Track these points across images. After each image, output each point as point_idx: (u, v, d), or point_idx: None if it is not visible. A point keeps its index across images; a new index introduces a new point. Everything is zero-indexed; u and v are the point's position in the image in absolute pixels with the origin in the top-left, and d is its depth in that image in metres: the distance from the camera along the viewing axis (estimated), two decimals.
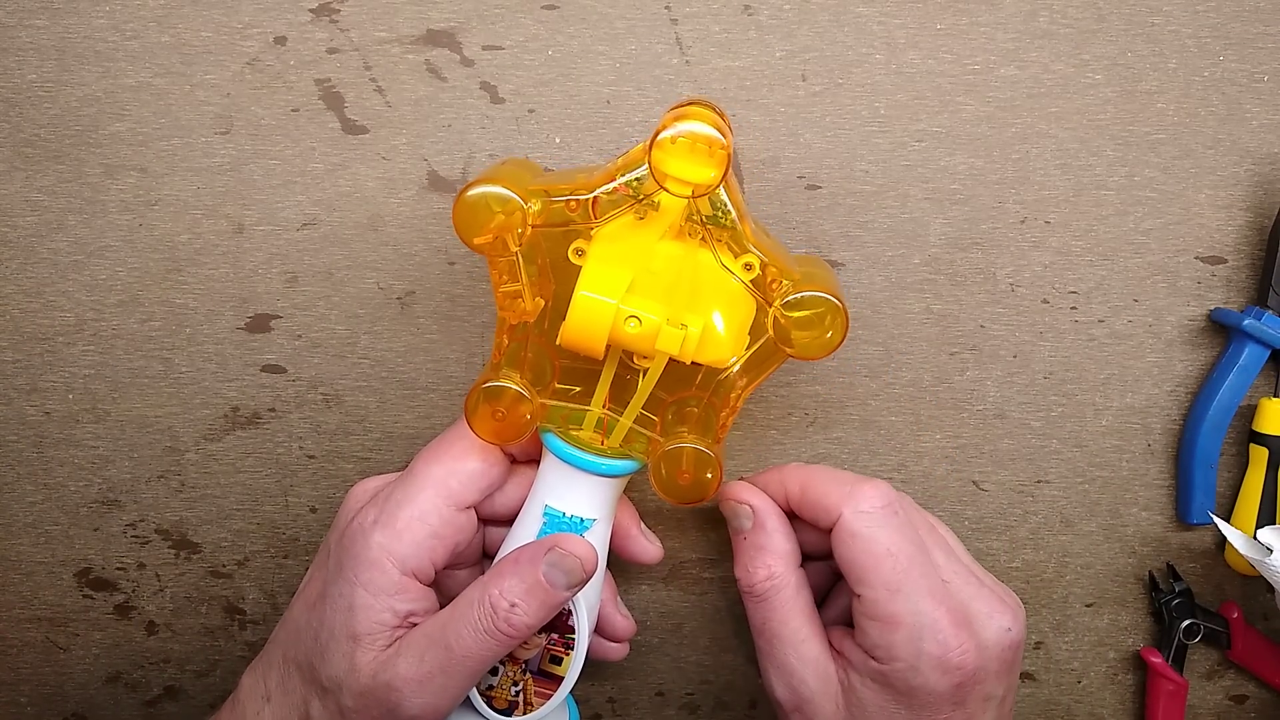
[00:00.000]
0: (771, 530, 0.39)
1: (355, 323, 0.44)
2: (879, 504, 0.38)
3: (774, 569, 0.39)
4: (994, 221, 0.44)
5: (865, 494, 0.38)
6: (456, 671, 0.35)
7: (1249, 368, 0.44)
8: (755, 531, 0.39)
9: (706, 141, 0.33)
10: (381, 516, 0.37)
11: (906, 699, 0.36)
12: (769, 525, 0.40)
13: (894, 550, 0.37)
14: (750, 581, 0.39)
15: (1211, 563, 0.47)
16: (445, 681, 0.35)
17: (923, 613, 0.36)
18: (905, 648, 0.36)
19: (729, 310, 0.36)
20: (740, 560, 0.40)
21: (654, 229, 0.35)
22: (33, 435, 0.45)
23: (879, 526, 0.37)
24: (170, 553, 0.46)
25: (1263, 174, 0.44)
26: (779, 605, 0.38)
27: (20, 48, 0.42)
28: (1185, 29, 0.44)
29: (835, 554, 0.38)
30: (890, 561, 0.37)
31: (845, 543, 0.37)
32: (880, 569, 0.37)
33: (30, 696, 0.47)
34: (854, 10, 0.43)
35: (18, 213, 0.44)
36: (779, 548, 0.39)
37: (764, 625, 0.39)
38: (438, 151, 0.43)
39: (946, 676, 0.36)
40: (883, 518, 0.37)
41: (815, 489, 0.39)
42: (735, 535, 0.40)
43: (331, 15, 0.43)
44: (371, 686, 0.35)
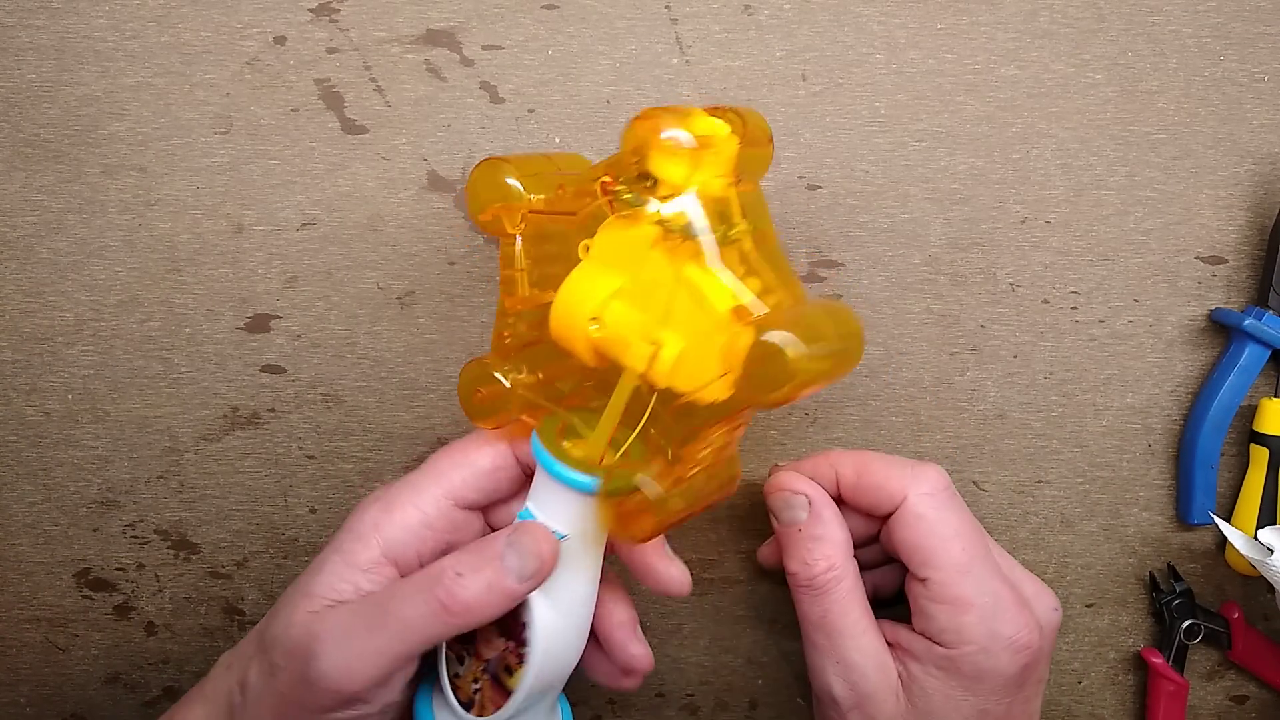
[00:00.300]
0: (828, 520, 0.38)
1: (355, 323, 0.44)
2: (941, 485, 0.37)
3: (834, 559, 0.37)
4: (994, 221, 0.44)
5: (928, 476, 0.37)
6: (384, 634, 0.33)
7: (1249, 368, 0.44)
8: (812, 522, 0.38)
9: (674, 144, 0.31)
10: (384, 495, 0.36)
11: (974, 684, 0.36)
12: (825, 515, 0.38)
13: (961, 531, 0.37)
14: (810, 574, 0.37)
15: (1212, 563, 0.47)
16: (370, 642, 0.33)
17: (993, 594, 0.36)
18: (977, 629, 0.36)
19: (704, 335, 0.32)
20: (795, 553, 0.38)
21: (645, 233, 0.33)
22: (32, 435, 0.45)
23: (945, 508, 0.37)
24: (169, 553, 0.46)
25: (1263, 174, 0.44)
26: (840, 597, 0.37)
27: (20, 47, 0.42)
28: (1186, 29, 0.44)
29: (895, 538, 0.38)
30: (959, 543, 0.36)
31: (911, 525, 0.37)
32: (949, 551, 0.36)
33: (29, 697, 0.47)
34: (854, 10, 0.43)
35: (17, 213, 0.43)
36: (837, 537, 0.38)
37: (823, 619, 0.37)
38: (437, 151, 0.43)
39: (1017, 658, 0.36)
40: (946, 499, 0.37)
41: (873, 474, 0.38)
42: (787, 528, 0.39)
43: (331, 15, 0.43)
44: (299, 638, 0.33)
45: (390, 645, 0.33)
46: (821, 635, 0.38)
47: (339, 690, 0.32)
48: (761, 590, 0.46)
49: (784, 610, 0.47)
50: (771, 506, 0.40)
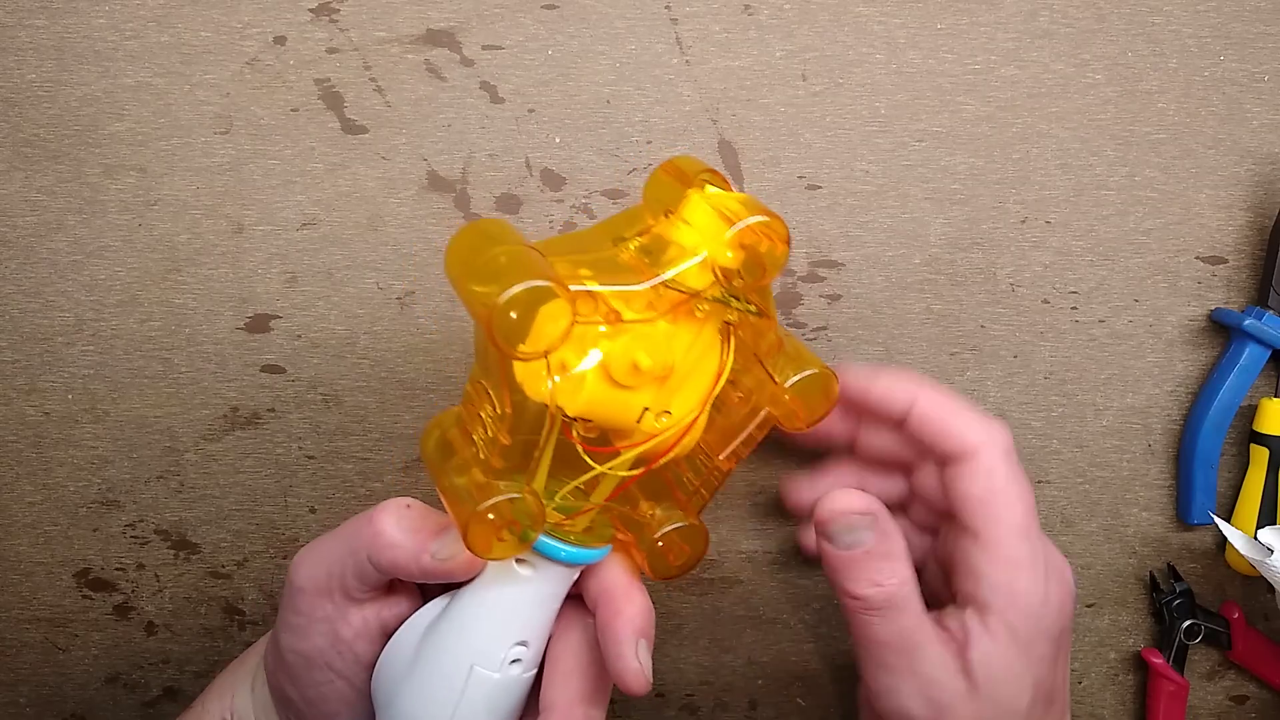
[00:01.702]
0: (894, 532, 0.35)
1: (355, 323, 0.44)
2: (1011, 445, 0.36)
3: (904, 573, 0.35)
4: (994, 221, 0.44)
5: (1003, 433, 0.36)
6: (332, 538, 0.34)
7: (1249, 368, 0.44)
8: (880, 540, 0.35)
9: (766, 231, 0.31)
10: None
11: (1028, 649, 0.35)
12: (890, 528, 0.35)
13: (1024, 495, 0.36)
14: (886, 593, 0.35)
15: (1212, 563, 0.47)
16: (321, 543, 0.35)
17: (1043, 557, 0.35)
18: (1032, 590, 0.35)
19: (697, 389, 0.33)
20: (861, 575, 0.35)
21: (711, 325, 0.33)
22: (32, 435, 0.45)
23: (1015, 468, 0.36)
24: (169, 553, 0.46)
25: (1263, 174, 0.44)
26: (914, 608, 0.35)
27: (20, 47, 0.42)
28: (1186, 29, 0.44)
29: (958, 489, 0.36)
30: (1022, 505, 0.35)
31: (982, 480, 0.35)
32: (1014, 511, 0.35)
33: (29, 697, 0.47)
34: (854, 10, 0.43)
35: (17, 213, 0.43)
36: (902, 548, 0.36)
37: (900, 636, 0.35)
38: (437, 151, 0.43)
39: (1059, 620, 0.35)
40: (1015, 460, 0.36)
41: (951, 415, 0.36)
42: (848, 551, 0.35)
43: (331, 15, 0.43)
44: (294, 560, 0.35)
45: (330, 547, 0.34)
46: (894, 655, 0.35)
47: (290, 581, 0.35)
48: (762, 590, 0.46)
49: (784, 610, 0.47)
50: (827, 532, 0.36)
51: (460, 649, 0.33)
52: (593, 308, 0.30)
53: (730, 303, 0.32)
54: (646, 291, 0.31)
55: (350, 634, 0.35)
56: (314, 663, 0.35)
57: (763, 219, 0.31)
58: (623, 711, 0.48)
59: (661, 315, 0.32)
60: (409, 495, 0.45)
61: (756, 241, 0.31)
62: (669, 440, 0.33)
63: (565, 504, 0.34)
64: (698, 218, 0.32)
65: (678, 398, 0.33)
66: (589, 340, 0.31)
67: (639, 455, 0.33)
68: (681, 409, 0.33)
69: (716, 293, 0.32)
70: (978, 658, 0.34)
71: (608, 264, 0.32)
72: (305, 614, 0.35)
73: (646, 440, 0.33)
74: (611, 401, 0.32)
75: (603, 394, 0.31)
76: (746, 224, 0.31)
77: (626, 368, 0.31)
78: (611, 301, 0.31)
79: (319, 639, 0.35)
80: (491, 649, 0.33)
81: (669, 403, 0.32)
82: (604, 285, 0.30)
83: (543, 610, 0.34)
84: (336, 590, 0.34)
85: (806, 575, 0.46)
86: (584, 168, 0.44)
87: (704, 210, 0.32)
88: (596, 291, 0.30)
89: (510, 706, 0.34)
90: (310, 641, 0.35)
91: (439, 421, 0.36)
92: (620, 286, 0.31)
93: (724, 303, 0.32)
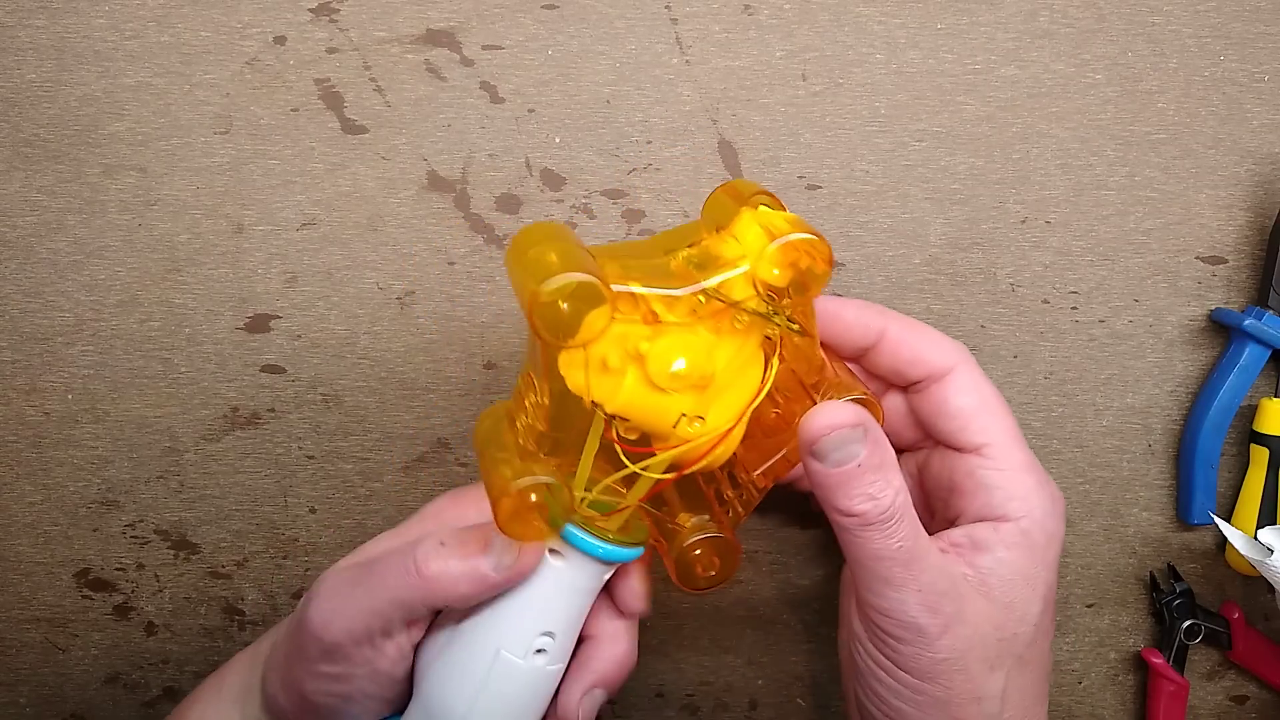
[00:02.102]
0: (884, 442, 0.34)
1: (355, 323, 0.44)
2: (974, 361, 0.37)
3: (898, 482, 0.33)
4: (994, 221, 0.44)
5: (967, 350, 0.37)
6: (363, 589, 0.33)
7: (1249, 368, 0.44)
8: (872, 451, 0.33)
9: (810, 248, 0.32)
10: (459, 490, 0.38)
11: (1043, 554, 0.35)
12: (880, 438, 0.34)
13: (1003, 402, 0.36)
14: (883, 505, 0.33)
15: (1212, 563, 0.47)
16: (351, 595, 0.33)
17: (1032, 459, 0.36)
18: (1040, 493, 0.35)
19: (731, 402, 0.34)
20: (856, 490, 0.33)
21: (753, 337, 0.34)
22: (32, 435, 0.45)
23: (988, 380, 0.37)
24: (169, 553, 0.46)
25: (1263, 174, 0.44)
26: (910, 519, 0.33)
27: (20, 47, 0.42)
28: (1186, 29, 0.44)
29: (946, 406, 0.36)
30: (1007, 412, 0.36)
31: (967, 392, 0.36)
32: (1005, 418, 0.36)
33: (29, 697, 0.47)
34: (854, 10, 0.43)
35: (17, 213, 0.43)
36: (894, 458, 0.34)
37: (898, 549, 0.33)
38: (437, 151, 0.43)
39: (1062, 521, 0.36)
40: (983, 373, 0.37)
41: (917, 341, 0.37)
42: (840, 468, 0.33)
43: (331, 15, 0.43)
44: (313, 588, 0.35)
45: (366, 600, 0.33)
46: (898, 567, 0.33)
47: (319, 638, 0.33)
48: (762, 590, 0.46)
49: (784, 610, 0.47)
50: (817, 450, 0.33)
51: (489, 633, 0.34)
52: (633, 307, 0.32)
53: (772, 318, 0.33)
54: (689, 299, 0.32)
55: (388, 665, 0.34)
56: (353, 699, 0.35)
57: (807, 237, 0.32)
58: (623, 711, 0.48)
59: (701, 322, 0.32)
60: (409, 495, 0.45)
61: (798, 259, 0.32)
62: (702, 447, 0.33)
63: (601, 502, 0.35)
64: (746, 233, 0.33)
65: (715, 407, 0.33)
66: (632, 341, 0.32)
67: (673, 460, 0.34)
68: (717, 418, 0.33)
69: (758, 306, 0.33)
70: (991, 564, 0.34)
71: (655, 270, 0.33)
72: (343, 663, 0.34)
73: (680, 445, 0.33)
74: (649, 403, 0.32)
75: (641, 395, 0.32)
76: (789, 240, 0.31)
77: (665, 371, 0.32)
78: (653, 304, 0.32)
79: (359, 681, 0.34)
80: (518, 635, 0.34)
81: (706, 411, 0.33)
82: (646, 288, 0.32)
83: (570, 603, 0.35)
84: (377, 635, 0.34)
85: (806, 575, 0.46)
86: (584, 168, 0.44)
87: (752, 227, 0.33)
88: (638, 293, 0.32)
89: (532, 697, 0.35)
90: (351, 685, 0.34)
91: (492, 411, 0.37)
92: (661, 290, 0.32)
93: (765, 317, 0.33)
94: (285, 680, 0.35)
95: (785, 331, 0.34)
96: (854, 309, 0.38)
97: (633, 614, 0.37)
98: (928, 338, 0.37)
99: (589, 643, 0.37)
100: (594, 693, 0.36)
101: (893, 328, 0.37)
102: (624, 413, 0.33)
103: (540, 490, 0.32)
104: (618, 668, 0.37)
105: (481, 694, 0.34)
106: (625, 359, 0.32)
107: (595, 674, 0.36)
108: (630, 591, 0.37)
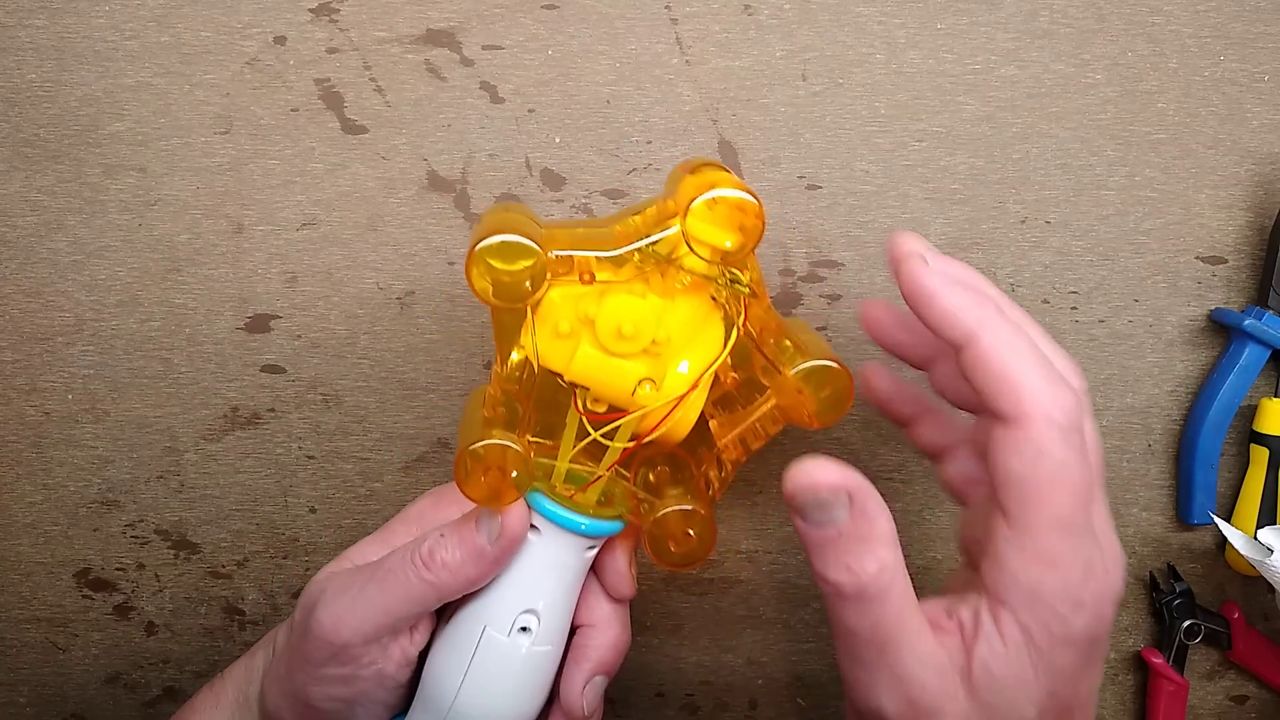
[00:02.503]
0: (875, 513, 0.30)
1: (355, 323, 0.44)
2: (1074, 420, 0.29)
3: (885, 560, 0.30)
4: (994, 221, 0.44)
5: (1065, 401, 0.29)
6: (372, 589, 0.34)
7: (1249, 368, 0.44)
8: (857, 520, 0.30)
9: (740, 205, 0.31)
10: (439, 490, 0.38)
11: (1046, 657, 0.30)
12: (870, 508, 0.30)
13: (1077, 483, 0.29)
14: (860, 581, 0.30)
15: (1212, 563, 0.47)
16: (360, 597, 0.34)
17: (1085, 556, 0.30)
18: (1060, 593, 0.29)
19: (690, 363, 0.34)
20: (835, 559, 0.30)
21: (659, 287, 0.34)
22: (32, 435, 0.45)
23: (1070, 448, 0.29)
24: (170, 553, 0.46)
25: (1263, 174, 0.44)
26: (894, 600, 0.30)
27: (20, 48, 0.42)
28: (1186, 29, 0.44)
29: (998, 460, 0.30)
30: (1071, 495, 0.29)
31: (1026, 458, 0.29)
32: (1058, 499, 0.29)
33: (29, 697, 0.47)
34: (854, 10, 0.43)
35: (17, 213, 0.43)
36: (885, 532, 0.30)
37: (875, 630, 0.30)
38: (437, 151, 0.43)
39: (1090, 627, 0.30)
40: (1074, 439, 0.29)
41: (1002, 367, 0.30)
42: (819, 530, 0.30)
43: (331, 15, 0.43)
44: (312, 593, 0.35)
45: (377, 600, 0.34)
46: (871, 649, 0.30)
47: (329, 641, 0.33)
48: (762, 590, 0.46)
49: (784, 610, 0.47)
50: (796, 505, 0.31)
51: (477, 610, 0.35)
52: (569, 268, 0.33)
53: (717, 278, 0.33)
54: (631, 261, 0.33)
55: (394, 667, 0.35)
56: (358, 703, 0.35)
57: (733, 192, 0.31)
58: (623, 711, 0.48)
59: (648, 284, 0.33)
60: (409, 495, 0.45)
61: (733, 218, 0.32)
62: (659, 413, 0.34)
63: (576, 474, 0.35)
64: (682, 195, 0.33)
65: (671, 372, 0.34)
66: (583, 307, 0.33)
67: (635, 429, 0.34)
68: (674, 384, 0.34)
69: (696, 265, 0.33)
70: (980, 659, 0.30)
71: (599, 237, 0.34)
72: (351, 665, 0.34)
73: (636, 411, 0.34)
74: (606, 369, 0.33)
75: (596, 362, 0.33)
76: (713, 195, 0.31)
77: (612, 332, 0.33)
78: (591, 266, 0.33)
79: (365, 684, 0.35)
80: (501, 611, 0.35)
81: (662, 377, 0.33)
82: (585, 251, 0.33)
83: (551, 579, 0.35)
84: (386, 635, 0.34)
85: (806, 575, 0.46)
86: (584, 168, 0.44)
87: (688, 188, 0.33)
88: (577, 256, 0.33)
89: (520, 679, 0.35)
90: (357, 688, 0.35)
91: (476, 392, 0.38)
92: (596, 252, 0.33)
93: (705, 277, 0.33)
94: (288, 690, 0.35)
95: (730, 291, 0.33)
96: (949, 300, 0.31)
97: (621, 597, 0.37)
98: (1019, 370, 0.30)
99: (584, 631, 0.37)
100: (595, 680, 0.37)
101: (985, 338, 0.30)
102: (582, 380, 0.33)
103: (495, 452, 0.33)
104: (615, 652, 0.37)
105: (470, 672, 0.34)
106: (577, 325, 0.33)
107: (593, 661, 0.36)
108: (616, 574, 0.37)
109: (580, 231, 0.34)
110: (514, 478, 0.33)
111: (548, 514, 0.34)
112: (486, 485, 0.33)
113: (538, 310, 0.33)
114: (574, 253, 0.33)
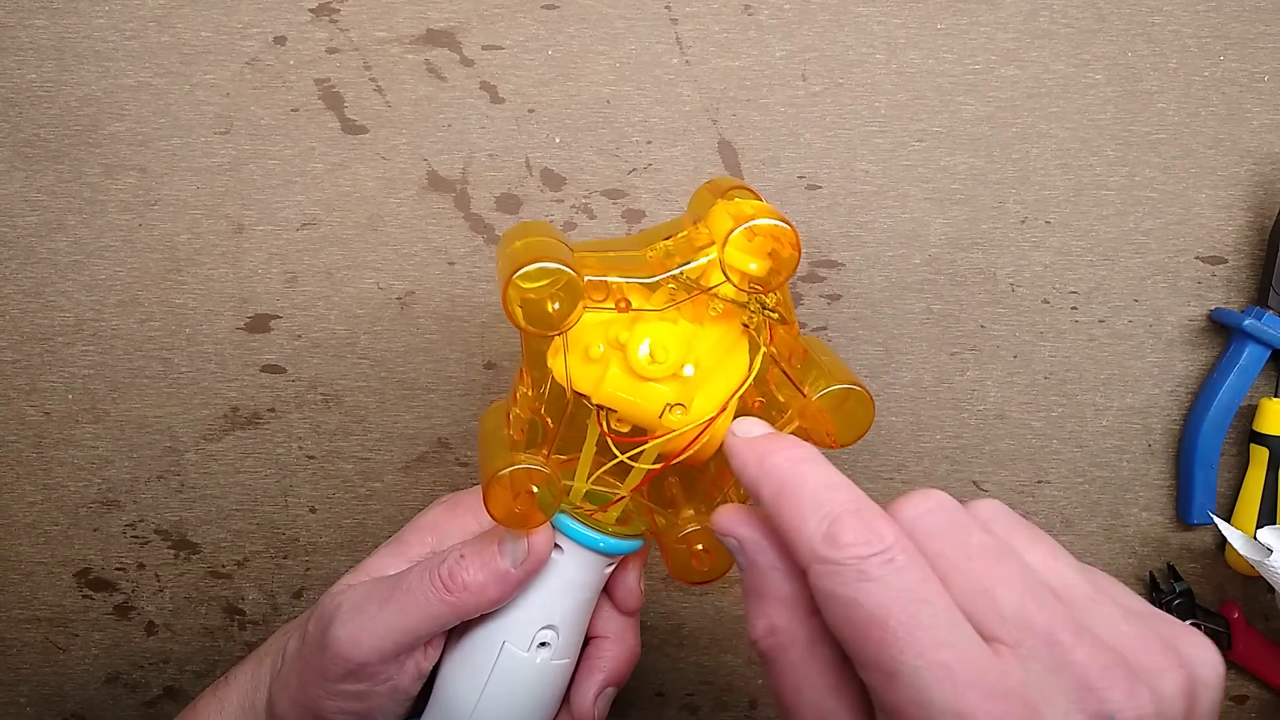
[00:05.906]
0: (766, 571, 0.28)
1: (355, 323, 0.44)
2: (872, 547, 0.25)
3: (774, 622, 0.27)
4: (994, 221, 0.44)
5: (844, 533, 0.25)
6: (391, 608, 0.34)
7: (1249, 368, 0.44)
8: (749, 573, 0.28)
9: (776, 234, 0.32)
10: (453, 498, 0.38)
11: None
12: (759, 563, 0.28)
13: (887, 617, 0.24)
14: (752, 637, 0.28)
15: (1212, 563, 0.47)
16: (378, 615, 0.34)
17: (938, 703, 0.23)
18: None
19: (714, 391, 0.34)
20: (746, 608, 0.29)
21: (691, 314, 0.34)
22: (32, 435, 0.45)
23: (865, 581, 0.24)
24: (170, 553, 0.46)
25: (1263, 174, 0.44)
26: (786, 669, 0.27)
27: (20, 48, 0.42)
28: (1186, 29, 0.44)
29: None
30: (882, 631, 0.24)
31: (822, 605, 0.25)
32: (870, 641, 0.24)
33: (30, 697, 0.47)
34: (854, 10, 0.43)
35: (18, 213, 0.43)
36: (778, 593, 0.28)
37: (776, 693, 0.28)
38: (437, 151, 0.43)
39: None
40: (876, 566, 0.24)
41: (788, 511, 0.27)
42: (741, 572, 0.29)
43: (331, 15, 0.43)
44: (327, 608, 0.35)
45: (396, 619, 0.34)
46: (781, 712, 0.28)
47: (347, 658, 0.34)
48: None
49: None
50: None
51: (497, 626, 0.35)
52: (605, 295, 0.33)
53: (747, 304, 0.33)
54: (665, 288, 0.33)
55: (408, 682, 0.35)
56: (370, 715, 0.35)
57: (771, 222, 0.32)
58: (623, 711, 0.48)
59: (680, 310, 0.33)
60: (409, 495, 0.45)
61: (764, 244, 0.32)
62: (687, 437, 0.34)
63: (597, 494, 0.36)
64: (716, 223, 0.33)
65: (700, 397, 0.34)
66: (614, 331, 0.33)
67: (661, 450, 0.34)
68: (702, 408, 0.34)
69: (729, 292, 0.33)
70: None
71: (631, 261, 0.34)
72: (367, 681, 0.34)
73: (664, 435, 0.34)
74: (634, 393, 0.33)
75: (625, 385, 0.33)
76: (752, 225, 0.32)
77: (643, 358, 0.33)
78: (626, 292, 0.33)
79: (379, 699, 0.35)
80: (521, 627, 0.35)
81: (691, 401, 0.34)
82: (620, 278, 0.33)
83: (571, 596, 0.35)
84: (404, 652, 0.34)
85: None
86: (584, 168, 0.44)
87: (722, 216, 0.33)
88: (612, 282, 0.33)
89: (539, 691, 0.35)
90: (370, 703, 0.35)
91: (494, 408, 0.38)
92: (631, 279, 0.33)
93: (739, 304, 0.33)
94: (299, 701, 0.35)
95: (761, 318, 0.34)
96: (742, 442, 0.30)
97: (630, 611, 0.38)
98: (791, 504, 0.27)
99: (597, 643, 0.37)
100: (607, 691, 0.37)
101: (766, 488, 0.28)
102: (609, 403, 0.33)
103: (523, 476, 0.33)
104: (627, 665, 0.37)
105: (488, 686, 0.35)
106: (608, 349, 0.33)
107: (606, 673, 0.37)
108: (626, 589, 0.37)
109: (611, 255, 0.34)
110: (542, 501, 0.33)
111: (572, 534, 0.35)
112: (515, 509, 0.33)
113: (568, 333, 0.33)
114: (609, 278, 0.33)
